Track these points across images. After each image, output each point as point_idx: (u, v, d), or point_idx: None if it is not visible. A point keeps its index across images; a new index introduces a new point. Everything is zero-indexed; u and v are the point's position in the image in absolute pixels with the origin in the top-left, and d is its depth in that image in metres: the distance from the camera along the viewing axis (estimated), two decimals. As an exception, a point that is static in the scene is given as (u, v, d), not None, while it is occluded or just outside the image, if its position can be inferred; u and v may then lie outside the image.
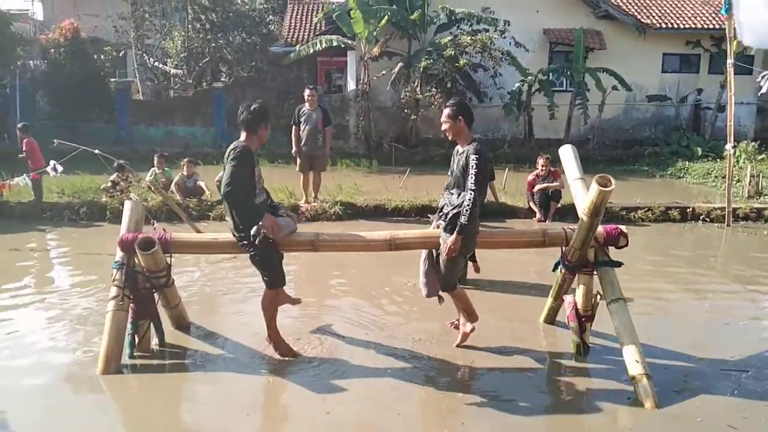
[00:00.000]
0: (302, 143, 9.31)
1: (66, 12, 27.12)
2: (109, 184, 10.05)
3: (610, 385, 4.23)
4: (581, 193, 4.48)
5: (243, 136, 4.41)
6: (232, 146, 4.34)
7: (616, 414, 3.89)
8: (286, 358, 4.53)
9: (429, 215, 6.52)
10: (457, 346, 4.73)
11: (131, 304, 4.48)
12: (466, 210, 4.19)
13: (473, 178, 4.19)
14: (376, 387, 4.18)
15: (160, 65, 23.79)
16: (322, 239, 4.59)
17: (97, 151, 8.57)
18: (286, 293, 4.93)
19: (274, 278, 4.46)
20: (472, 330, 4.70)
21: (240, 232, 4.33)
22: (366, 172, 14.34)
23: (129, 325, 4.49)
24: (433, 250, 4.67)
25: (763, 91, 10.11)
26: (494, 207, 9.37)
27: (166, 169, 10.57)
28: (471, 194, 4.19)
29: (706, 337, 5.17)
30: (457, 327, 4.84)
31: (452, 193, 4.45)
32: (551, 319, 5.24)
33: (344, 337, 4.97)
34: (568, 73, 17.32)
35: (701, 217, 9.53)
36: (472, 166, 4.20)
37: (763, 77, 9.93)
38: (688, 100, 18.72)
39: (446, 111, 4.42)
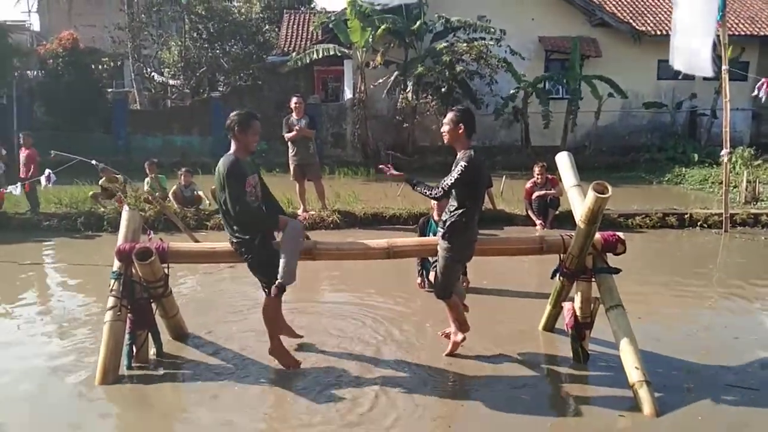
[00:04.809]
0: (294, 153, 9.30)
1: (63, 23, 27.18)
2: (99, 189, 10.02)
3: (609, 392, 4.21)
4: (578, 200, 4.49)
5: (231, 146, 4.40)
6: (222, 162, 4.28)
7: (614, 421, 3.88)
8: (290, 369, 4.51)
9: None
10: (447, 355, 4.72)
11: (129, 315, 4.47)
12: (431, 189, 4.29)
13: (450, 178, 4.23)
14: (373, 396, 4.16)
15: (157, 75, 23.85)
16: (320, 247, 4.59)
17: (94, 162, 8.58)
18: (288, 325, 4.95)
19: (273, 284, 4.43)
20: (463, 340, 4.69)
21: (238, 237, 4.32)
22: (363, 181, 14.35)
23: (127, 336, 4.47)
24: (430, 258, 4.68)
25: (761, 95, 10.15)
26: (492, 214, 9.38)
27: (160, 176, 10.52)
28: (439, 189, 4.26)
29: (714, 351, 5.00)
30: (448, 337, 4.83)
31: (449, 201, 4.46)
32: (550, 326, 5.23)
33: (339, 346, 4.96)
34: (564, 80, 17.39)
35: (699, 223, 9.53)
36: (457, 170, 4.23)
37: (759, 88, 10.01)
38: (683, 107, 18.79)
39: (449, 115, 4.44)
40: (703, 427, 3.78)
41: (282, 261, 4.29)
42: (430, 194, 4.33)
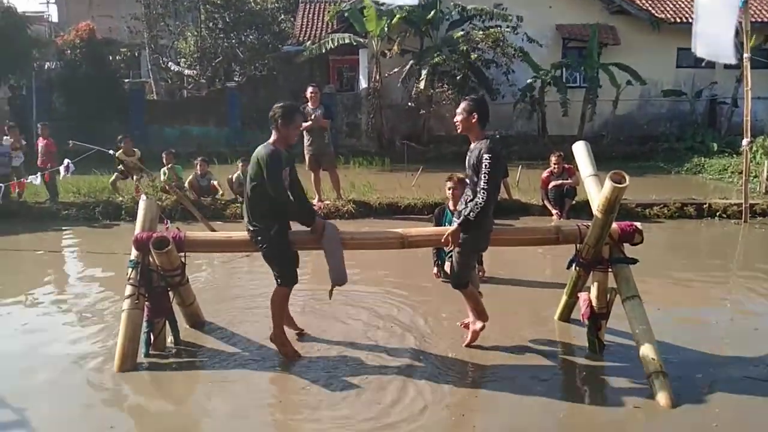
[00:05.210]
0: (309, 143, 9.32)
1: (80, 13, 27.40)
2: (119, 168, 10.12)
3: (624, 383, 4.19)
4: (595, 189, 4.45)
5: (272, 136, 4.42)
6: (263, 151, 4.29)
7: (629, 411, 3.85)
8: (288, 359, 4.52)
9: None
10: (467, 345, 4.71)
11: (146, 303, 4.52)
12: (476, 207, 4.16)
13: (485, 177, 4.14)
14: (388, 385, 4.17)
15: (174, 65, 23.95)
16: (335, 237, 4.59)
17: (111, 151, 8.66)
18: (292, 319, 4.97)
19: (286, 275, 4.47)
20: (482, 329, 4.67)
21: (255, 226, 4.35)
22: (378, 170, 14.34)
23: (144, 324, 4.53)
24: (445, 248, 4.67)
25: None
26: (507, 204, 9.33)
27: (176, 166, 10.59)
28: (483, 194, 4.13)
29: (733, 342, 4.95)
30: (467, 327, 4.82)
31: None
32: (566, 316, 5.20)
33: (355, 336, 4.98)
34: (582, 68, 17.19)
35: (718, 214, 9.40)
36: (485, 165, 4.14)
37: None
38: (703, 95, 18.50)
39: (463, 104, 4.40)
40: (719, 419, 3.73)
41: (330, 264, 4.41)
42: (481, 204, 4.14)
